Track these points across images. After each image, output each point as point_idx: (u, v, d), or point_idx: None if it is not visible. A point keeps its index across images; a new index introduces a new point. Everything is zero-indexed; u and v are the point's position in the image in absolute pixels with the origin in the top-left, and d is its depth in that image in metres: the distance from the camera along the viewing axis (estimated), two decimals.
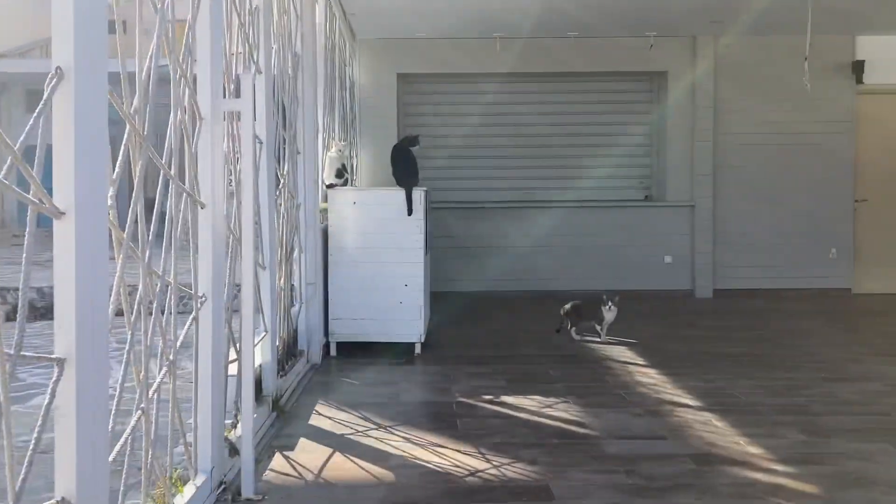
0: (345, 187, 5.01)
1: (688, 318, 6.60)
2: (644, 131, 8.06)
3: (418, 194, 4.88)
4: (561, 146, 8.02)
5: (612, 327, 5.50)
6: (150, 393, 2.04)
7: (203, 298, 2.55)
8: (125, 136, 1.89)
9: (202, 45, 2.50)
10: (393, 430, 3.32)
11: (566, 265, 7.79)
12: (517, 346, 5.29)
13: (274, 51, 3.75)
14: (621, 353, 5.06)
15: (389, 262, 4.88)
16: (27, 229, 1.32)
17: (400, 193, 4.89)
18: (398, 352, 4.94)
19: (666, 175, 7.83)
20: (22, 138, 1.31)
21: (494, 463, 2.90)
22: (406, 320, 4.91)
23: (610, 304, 5.35)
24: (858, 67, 7.61)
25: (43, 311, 6.59)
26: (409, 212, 4.84)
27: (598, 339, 5.42)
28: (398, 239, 4.88)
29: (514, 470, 2.83)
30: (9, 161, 1.27)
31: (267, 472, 2.81)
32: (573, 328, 5.52)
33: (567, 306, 5.59)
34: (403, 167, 5.08)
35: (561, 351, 5.13)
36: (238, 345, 2.88)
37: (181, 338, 2.33)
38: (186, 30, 2.42)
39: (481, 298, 7.53)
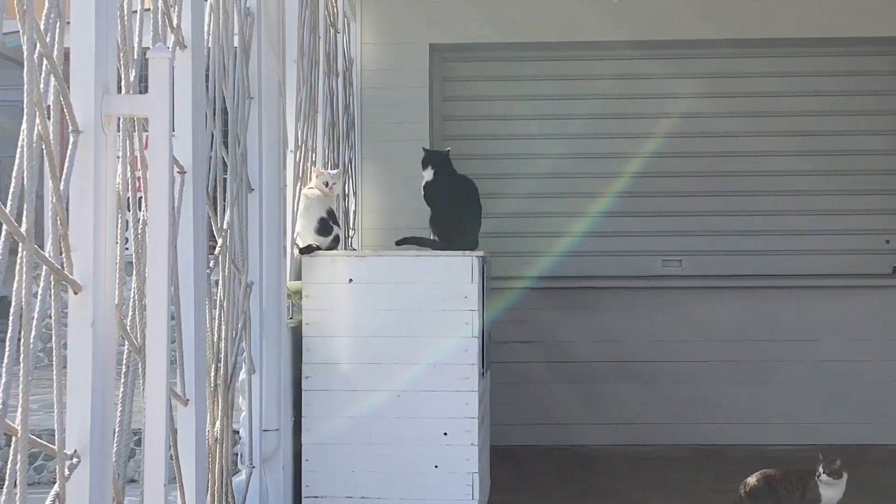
0: (334, 252, 5.10)
1: None
2: (890, 146, 8.08)
3: (468, 262, 4.96)
4: (728, 174, 8.06)
5: None
6: None
7: (75, 460, 2.54)
8: None
9: None
10: None
11: (746, 397, 7.74)
12: None
13: (209, 6, 3.79)
14: None
15: (415, 389, 4.95)
16: None
17: (439, 262, 5.00)
18: None
19: None
20: None
21: None
22: (446, 501, 4.88)
23: (828, 472, 5.24)
24: None
25: None
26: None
27: None
28: (432, 347, 4.95)
29: None
30: None
31: None
32: None
33: (752, 480, 5.49)
34: (464, 211, 5.31)
35: None
36: None
37: None
38: None
39: (587, 459, 7.49)
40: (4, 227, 2.23)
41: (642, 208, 8.08)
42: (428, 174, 5.54)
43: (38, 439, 2.38)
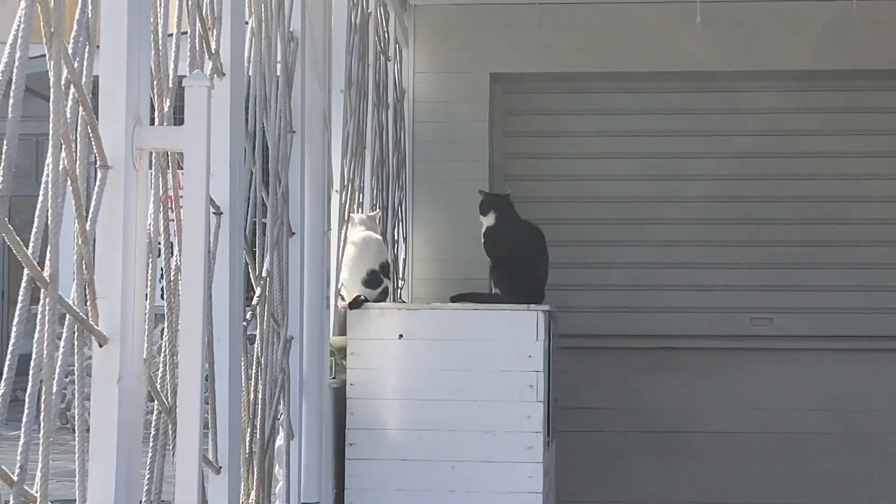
0: (383, 304, 5.15)
1: None
2: None
3: (533, 317, 4.99)
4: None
5: None
6: None
7: None
8: None
9: (112, 20, 2.60)
10: None
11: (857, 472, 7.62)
12: None
13: (249, 31, 3.87)
14: None
15: (472, 460, 4.96)
16: None
17: (501, 317, 5.03)
18: None
19: None
20: None
21: None
22: None
23: None
24: None
25: None
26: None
27: None
28: (491, 412, 4.95)
29: None
30: None
31: None
32: None
33: None
34: (529, 261, 5.35)
35: None
36: None
37: None
38: None
39: None
40: (26, 271, 2.24)
41: (736, 259, 7.96)
42: (489, 220, 5.62)
43: None
